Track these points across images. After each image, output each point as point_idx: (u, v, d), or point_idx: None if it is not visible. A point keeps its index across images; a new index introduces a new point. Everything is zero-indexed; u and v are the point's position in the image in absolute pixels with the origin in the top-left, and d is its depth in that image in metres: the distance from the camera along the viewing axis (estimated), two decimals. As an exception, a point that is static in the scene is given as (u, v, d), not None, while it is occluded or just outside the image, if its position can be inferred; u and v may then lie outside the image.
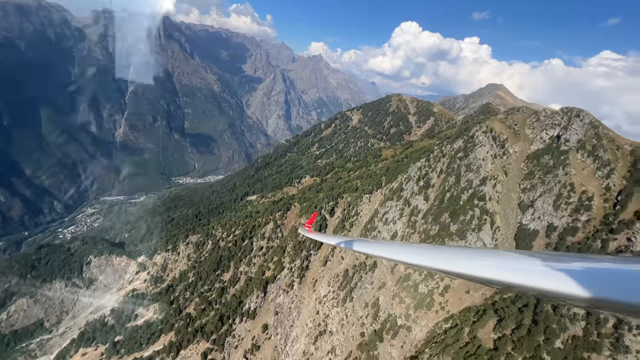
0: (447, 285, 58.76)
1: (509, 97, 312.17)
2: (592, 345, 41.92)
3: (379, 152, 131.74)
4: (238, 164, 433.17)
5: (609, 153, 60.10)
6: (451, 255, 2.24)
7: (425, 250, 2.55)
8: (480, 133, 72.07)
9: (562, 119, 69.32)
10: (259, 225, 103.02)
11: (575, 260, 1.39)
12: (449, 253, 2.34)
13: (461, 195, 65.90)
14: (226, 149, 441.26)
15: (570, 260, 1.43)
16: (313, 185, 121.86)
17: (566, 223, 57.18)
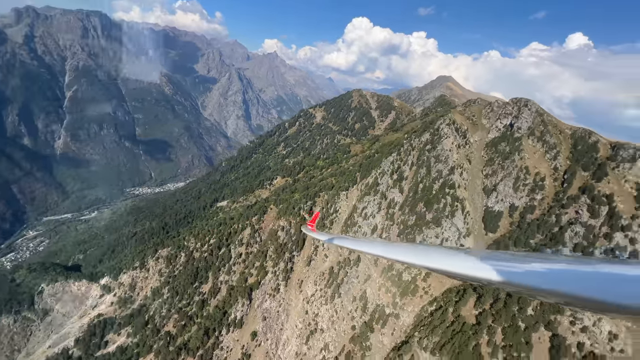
0: (428, 270, 62.66)
1: (457, 88, 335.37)
2: (557, 309, 47.78)
3: (347, 148, 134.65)
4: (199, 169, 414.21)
5: (554, 137, 68.02)
6: (453, 256, 2.33)
7: (426, 250, 2.73)
8: (444, 126, 77.24)
9: (513, 109, 76.82)
10: (235, 231, 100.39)
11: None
12: (450, 254, 2.45)
13: (433, 185, 70.35)
14: (184, 154, 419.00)
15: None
16: (286, 186, 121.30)
17: (525, 202, 63.88)
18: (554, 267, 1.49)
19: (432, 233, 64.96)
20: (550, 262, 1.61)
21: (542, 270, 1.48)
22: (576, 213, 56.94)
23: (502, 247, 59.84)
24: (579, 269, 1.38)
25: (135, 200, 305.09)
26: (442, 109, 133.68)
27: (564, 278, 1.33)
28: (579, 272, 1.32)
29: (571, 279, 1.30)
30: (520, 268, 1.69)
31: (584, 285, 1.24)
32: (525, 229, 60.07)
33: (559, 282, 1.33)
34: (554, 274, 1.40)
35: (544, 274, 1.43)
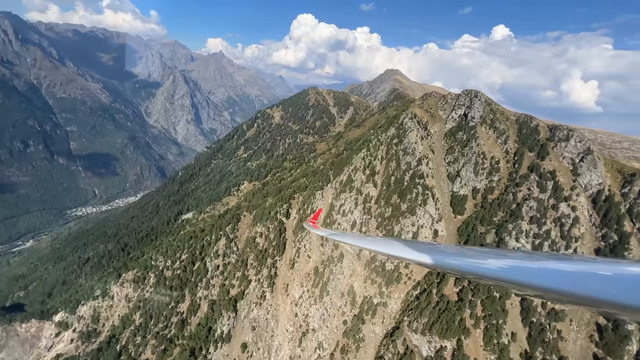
0: (409, 257, 66.70)
1: (404, 80, 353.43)
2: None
3: (313, 147, 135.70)
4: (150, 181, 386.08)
5: (502, 124, 76.02)
6: (456, 254, 2.43)
7: (427, 247, 2.82)
8: (407, 120, 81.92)
9: (465, 100, 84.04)
10: (208, 243, 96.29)
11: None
12: (451, 251, 2.57)
13: (404, 176, 74.55)
14: (132, 167, 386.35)
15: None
16: (255, 190, 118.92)
17: (485, 185, 70.76)
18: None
19: (409, 222, 69.11)
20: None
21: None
22: (528, 189, 64.77)
23: (470, 227, 65.88)
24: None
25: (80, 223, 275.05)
26: (398, 103, 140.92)
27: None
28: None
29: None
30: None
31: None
32: (488, 209, 66.73)
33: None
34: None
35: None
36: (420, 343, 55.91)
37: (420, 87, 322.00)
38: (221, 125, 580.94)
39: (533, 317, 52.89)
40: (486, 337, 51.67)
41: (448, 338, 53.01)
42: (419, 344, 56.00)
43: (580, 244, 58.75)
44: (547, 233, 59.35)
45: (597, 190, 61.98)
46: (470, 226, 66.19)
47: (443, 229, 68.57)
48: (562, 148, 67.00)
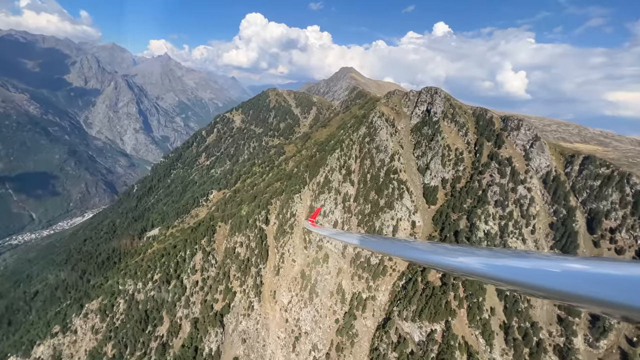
0: (392, 250, 69.90)
1: (360, 77, 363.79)
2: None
3: (281, 149, 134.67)
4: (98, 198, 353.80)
5: (462, 117, 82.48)
6: (455, 253, 2.46)
7: (425, 246, 2.90)
8: (376, 118, 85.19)
9: (427, 97, 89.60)
10: (183, 259, 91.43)
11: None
12: (451, 251, 2.58)
13: (379, 173, 77.62)
14: (74, 184, 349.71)
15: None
16: (227, 199, 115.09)
17: (452, 175, 76.40)
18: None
19: (388, 216, 72.29)
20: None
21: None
22: (490, 176, 71.37)
23: (444, 214, 70.83)
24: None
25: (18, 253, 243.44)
26: (360, 101, 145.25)
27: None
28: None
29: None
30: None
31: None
32: (457, 197, 72.27)
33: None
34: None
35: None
36: (411, 330, 59.18)
37: (374, 84, 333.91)
38: (174, 132, 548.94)
39: (507, 292, 58.77)
40: (470, 315, 56.38)
41: (437, 321, 56.87)
42: (410, 331, 59.23)
43: (537, 221, 66.37)
44: (510, 214, 66.09)
45: (546, 172, 70.35)
46: (444, 214, 71.20)
47: (419, 220, 72.86)
48: (514, 136, 74.80)
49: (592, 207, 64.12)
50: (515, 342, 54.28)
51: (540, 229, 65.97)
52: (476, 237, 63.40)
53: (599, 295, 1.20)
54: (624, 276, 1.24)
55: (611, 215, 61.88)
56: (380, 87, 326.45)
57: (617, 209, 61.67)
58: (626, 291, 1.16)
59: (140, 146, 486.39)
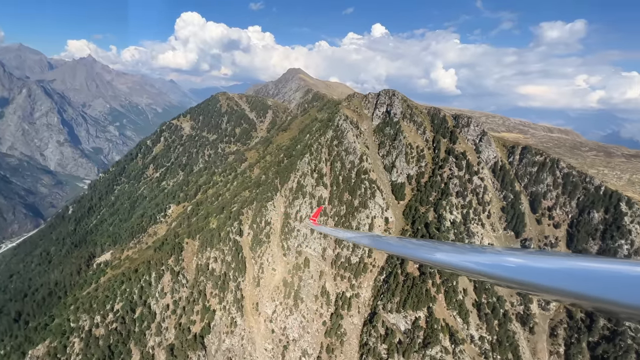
0: (370, 247, 73.14)
1: (308, 78, 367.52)
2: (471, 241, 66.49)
3: (242, 156, 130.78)
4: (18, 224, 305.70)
5: (419, 117, 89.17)
6: (451, 251, 2.56)
7: (419, 245, 3.05)
8: (342, 121, 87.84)
9: (385, 98, 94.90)
10: (148, 283, 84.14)
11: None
12: (448, 248, 2.67)
13: (350, 174, 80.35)
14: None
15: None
16: (189, 213, 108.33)
17: (416, 171, 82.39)
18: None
19: (363, 215, 75.38)
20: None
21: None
22: (449, 170, 78.65)
23: (413, 209, 76.18)
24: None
25: None
26: (318, 103, 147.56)
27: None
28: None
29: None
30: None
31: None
32: (423, 191, 78.26)
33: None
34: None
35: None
36: (397, 320, 62.88)
37: (323, 84, 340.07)
38: (108, 143, 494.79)
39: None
40: (447, 299, 61.88)
41: (420, 309, 61.29)
42: (396, 322, 62.90)
43: (491, 206, 75.09)
44: (469, 203, 73.74)
45: (493, 162, 79.83)
46: (413, 209, 76.59)
47: (392, 216, 77.31)
48: (465, 132, 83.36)
49: (532, 190, 74.66)
50: (487, 317, 61.15)
51: (494, 213, 74.81)
52: (444, 227, 69.59)
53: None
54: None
55: (547, 196, 72.80)
56: (329, 87, 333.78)
57: (551, 190, 72.73)
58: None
59: (67, 161, 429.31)
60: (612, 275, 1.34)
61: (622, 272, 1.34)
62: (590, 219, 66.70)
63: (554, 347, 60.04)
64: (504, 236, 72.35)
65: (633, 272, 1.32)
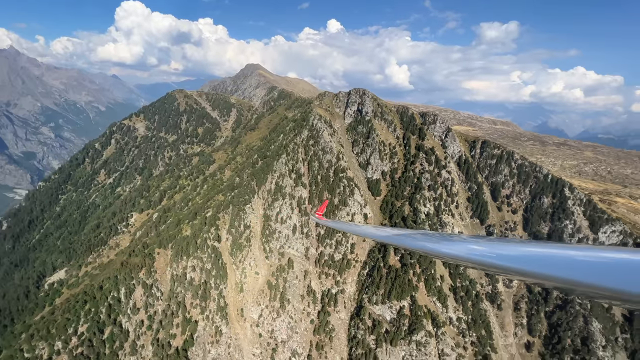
0: (352, 244, 75.33)
1: (268, 74, 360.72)
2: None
3: (210, 157, 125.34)
4: None
5: (389, 115, 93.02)
6: (446, 242, 2.64)
7: (425, 236, 3.05)
8: (317, 121, 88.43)
9: (356, 97, 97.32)
10: (117, 300, 77.91)
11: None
12: (442, 240, 2.73)
13: (328, 173, 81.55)
14: None
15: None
16: (156, 221, 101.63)
17: (390, 167, 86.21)
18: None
19: (344, 212, 77.22)
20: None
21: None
22: (420, 165, 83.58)
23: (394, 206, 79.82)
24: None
25: None
26: (285, 102, 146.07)
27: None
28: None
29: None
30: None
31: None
32: (398, 186, 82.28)
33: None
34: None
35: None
36: (382, 311, 66.01)
37: (283, 80, 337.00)
38: (42, 147, 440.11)
39: (448, 259, 71.23)
40: (427, 286, 66.37)
41: (403, 298, 64.98)
42: (382, 312, 66.01)
43: (458, 197, 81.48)
44: (440, 195, 79.26)
45: (458, 156, 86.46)
46: (389, 203, 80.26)
47: (370, 212, 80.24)
48: (432, 129, 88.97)
49: (492, 180, 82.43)
50: (462, 299, 66.85)
51: (462, 203, 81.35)
52: (420, 219, 74.16)
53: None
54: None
55: (505, 185, 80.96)
56: (290, 83, 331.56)
57: (508, 180, 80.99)
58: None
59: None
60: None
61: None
62: (541, 204, 75.70)
63: (518, 320, 67.74)
64: (471, 224, 79.14)
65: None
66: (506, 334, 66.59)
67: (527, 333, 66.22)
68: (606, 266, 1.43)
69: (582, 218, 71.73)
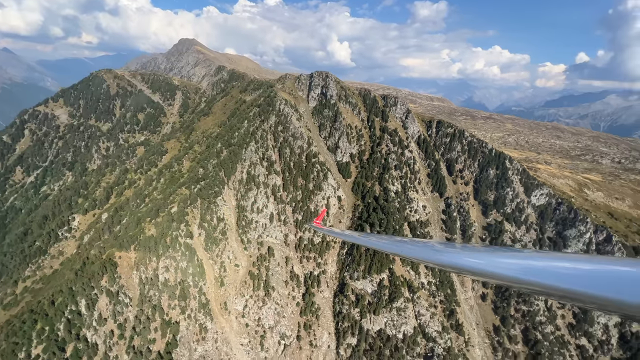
0: (329, 226, 77.99)
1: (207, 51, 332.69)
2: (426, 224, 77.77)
3: (161, 147, 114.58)
4: None
5: (353, 98, 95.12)
6: (456, 252, 2.50)
7: (426, 247, 2.88)
8: (283, 106, 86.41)
9: (319, 80, 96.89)
10: (77, 313, 70.28)
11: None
12: (451, 249, 2.55)
13: (300, 159, 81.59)
14: None
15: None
16: (109, 222, 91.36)
17: (357, 150, 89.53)
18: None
19: (319, 197, 78.94)
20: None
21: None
22: (386, 146, 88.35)
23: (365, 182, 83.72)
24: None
25: None
26: (238, 83, 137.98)
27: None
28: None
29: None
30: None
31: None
32: (367, 168, 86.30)
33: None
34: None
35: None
36: (364, 285, 71.09)
37: (224, 57, 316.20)
38: None
39: (418, 231, 78.68)
40: (402, 259, 72.74)
41: (382, 271, 70.64)
42: (363, 287, 71.08)
43: (420, 174, 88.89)
44: (405, 174, 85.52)
45: (417, 136, 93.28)
46: (360, 185, 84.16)
47: (343, 194, 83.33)
48: (394, 111, 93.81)
49: (448, 156, 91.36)
50: (431, 265, 75.07)
51: (423, 179, 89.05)
52: (390, 198, 79.63)
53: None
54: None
55: (458, 160, 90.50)
56: (231, 60, 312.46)
57: (460, 156, 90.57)
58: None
59: None
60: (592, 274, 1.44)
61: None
62: (488, 175, 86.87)
63: (474, 276, 78.99)
64: (432, 197, 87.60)
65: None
66: (466, 290, 77.43)
67: (482, 286, 77.89)
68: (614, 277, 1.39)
69: (519, 185, 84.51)
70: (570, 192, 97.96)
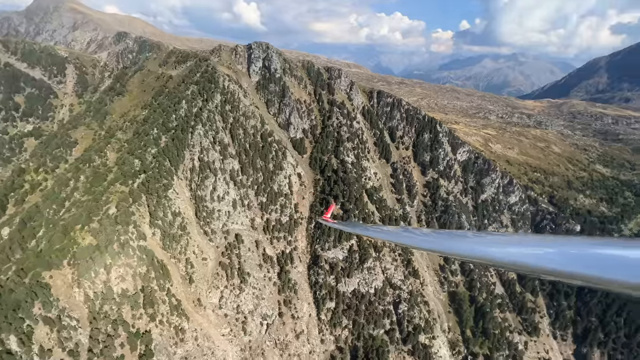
0: (295, 204, 78.69)
1: (84, 8, 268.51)
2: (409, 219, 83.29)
3: (67, 138, 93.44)
4: None
5: (297, 71, 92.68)
6: (458, 240, 2.68)
7: (436, 236, 3.20)
8: (227, 82, 78.98)
9: (259, 52, 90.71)
10: (6, 352, 57.58)
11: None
12: (452, 237, 2.79)
13: (256, 139, 77.82)
14: None
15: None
16: (17, 236, 73.07)
17: (309, 125, 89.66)
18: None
19: (282, 177, 77.82)
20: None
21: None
22: (337, 119, 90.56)
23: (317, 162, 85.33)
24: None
25: None
26: (155, 55, 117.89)
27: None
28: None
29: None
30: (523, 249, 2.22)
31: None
32: (321, 142, 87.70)
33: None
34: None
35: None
36: (335, 254, 75.76)
37: (112, 19, 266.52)
38: None
39: (374, 196, 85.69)
40: (366, 221, 79.39)
41: (351, 238, 75.99)
42: (335, 255, 75.75)
43: (368, 143, 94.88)
44: (357, 145, 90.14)
45: (362, 107, 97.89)
46: (317, 159, 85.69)
47: (302, 170, 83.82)
48: (339, 84, 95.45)
49: (390, 125, 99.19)
50: (389, 222, 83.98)
51: (371, 148, 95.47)
52: (347, 169, 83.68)
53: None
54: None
55: (399, 127, 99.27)
56: (123, 23, 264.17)
57: (400, 123, 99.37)
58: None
59: None
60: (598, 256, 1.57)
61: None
62: (424, 139, 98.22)
63: (421, 225, 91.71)
64: (380, 164, 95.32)
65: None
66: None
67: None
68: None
69: (447, 146, 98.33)
70: (479, 146, 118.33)
